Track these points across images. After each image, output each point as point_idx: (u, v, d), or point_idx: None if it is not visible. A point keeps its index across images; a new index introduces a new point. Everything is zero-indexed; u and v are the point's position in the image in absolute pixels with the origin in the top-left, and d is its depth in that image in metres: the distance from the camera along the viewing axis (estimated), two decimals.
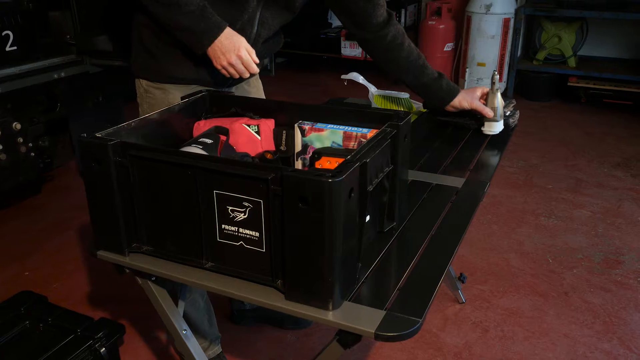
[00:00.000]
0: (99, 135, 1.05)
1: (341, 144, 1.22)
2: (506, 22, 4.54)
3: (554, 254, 2.55)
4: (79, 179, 3.37)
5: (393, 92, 1.98)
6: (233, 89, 1.57)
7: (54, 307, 1.77)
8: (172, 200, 1.02)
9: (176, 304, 1.72)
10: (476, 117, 1.79)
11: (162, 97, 1.44)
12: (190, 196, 0.99)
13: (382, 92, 1.99)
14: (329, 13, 5.63)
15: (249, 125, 1.27)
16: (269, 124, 1.28)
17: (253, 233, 0.97)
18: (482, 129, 1.74)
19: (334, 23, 5.68)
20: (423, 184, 1.41)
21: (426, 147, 1.67)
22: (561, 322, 2.11)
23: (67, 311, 1.75)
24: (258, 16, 1.39)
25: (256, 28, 1.40)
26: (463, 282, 2.26)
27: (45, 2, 2.50)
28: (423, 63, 1.63)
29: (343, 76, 2.08)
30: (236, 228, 0.99)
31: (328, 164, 1.17)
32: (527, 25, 4.71)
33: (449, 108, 1.72)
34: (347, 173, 0.87)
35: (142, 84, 1.48)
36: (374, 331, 0.89)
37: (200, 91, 1.36)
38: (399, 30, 1.60)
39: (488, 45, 4.63)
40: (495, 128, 1.72)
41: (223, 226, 1.00)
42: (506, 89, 4.71)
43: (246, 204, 0.95)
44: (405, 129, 1.14)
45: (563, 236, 2.70)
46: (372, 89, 2.01)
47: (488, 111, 1.67)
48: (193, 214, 1.01)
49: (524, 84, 4.68)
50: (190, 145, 1.21)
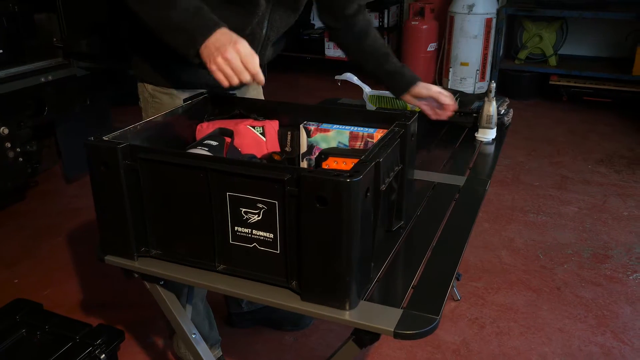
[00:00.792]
0: (107, 139, 1.04)
1: (347, 144, 1.23)
2: (488, 22, 4.59)
3: (544, 250, 2.59)
4: (64, 183, 3.32)
5: (387, 92, 1.99)
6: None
7: (50, 314, 1.74)
8: (183, 202, 1.02)
9: None
10: (471, 116, 1.81)
11: (169, 102, 1.42)
12: (202, 198, 0.99)
13: (376, 92, 2.00)
14: (311, 14, 5.64)
15: (253, 127, 1.27)
16: (273, 125, 1.28)
17: (267, 234, 0.97)
18: (475, 135, 1.76)
19: (317, 24, 5.69)
20: (425, 183, 1.42)
21: (424, 146, 1.68)
22: (555, 317, 2.14)
23: (64, 318, 1.72)
24: (267, 19, 1.38)
25: (265, 30, 1.38)
26: (458, 279, 2.28)
27: (31, 5, 2.46)
28: (387, 52, 1.65)
29: (337, 77, 2.08)
30: (249, 230, 0.98)
31: (335, 164, 1.18)
32: (508, 25, 4.77)
33: (407, 98, 1.66)
34: (365, 173, 0.88)
35: (147, 89, 1.45)
36: (393, 329, 0.89)
37: (202, 93, 1.35)
38: (367, 20, 1.64)
39: (471, 45, 4.67)
40: (489, 135, 1.74)
41: (236, 228, 0.99)
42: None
43: (260, 205, 0.95)
44: (413, 129, 1.15)
45: (552, 232, 2.74)
46: (366, 89, 2.02)
47: (444, 97, 1.61)
48: (205, 216, 1.00)
49: (506, 83, 4.73)
50: (196, 148, 1.20)
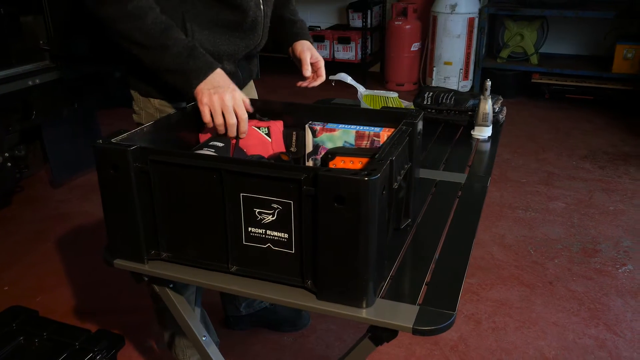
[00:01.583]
0: (115, 141, 1.03)
1: (353, 143, 1.23)
2: (471, 21, 4.65)
3: (535, 245, 2.63)
4: (50, 188, 3.27)
5: (382, 91, 2.00)
6: None
7: (47, 320, 1.71)
8: (195, 204, 1.01)
9: None
10: (466, 114, 1.83)
11: None
12: (215, 200, 0.98)
13: (371, 92, 2.01)
14: None
15: (259, 128, 1.27)
16: (278, 126, 1.28)
17: (282, 235, 0.97)
18: (472, 132, 1.78)
19: None
20: (428, 181, 1.43)
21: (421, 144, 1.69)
22: (549, 311, 2.18)
23: (61, 324, 1.70)
24: (262, 9, 1.39)
25: (263, 8, 1.38)
26: None
27: (17, 8, 2.42)
28: (289, 1, 1.62)
29: (331, 77, 2.08)
30: (263, 230, 0.98)
31: (342, 163, 1.18)
32: (490, 25, 4.83)
33: (290, 52, 1.58)
34: (382, 171, 0.88)
35: (153, 104, 1.43)
36: (411, 326, 0.90)
37: None
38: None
39: (454, 45, 4.72)
40: (485, 133, 1.77)
41: (249, 229, 0.99)
42: (472, 87, 4.82)
43: (275, 205, 0.95)
44: (419, 127, 1.16)
45: (541, 228, 2.78)
46: (360, 89, 2.03)
47: (305, 67, 1.50)
48: (218, 218, 1.00)
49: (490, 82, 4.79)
50: (202, 149, 1.20)
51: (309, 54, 1.52)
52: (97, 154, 1.02)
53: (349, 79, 2.04)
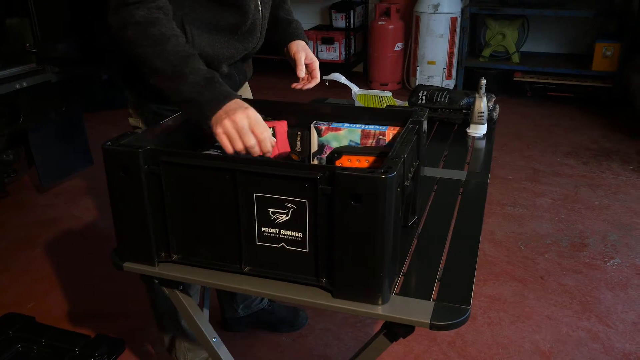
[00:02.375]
0: (124, 143, 1.02)
1: (359, 142, 1.24)
2: (453, 21, 4.70)
3: (525, 241, 2.67)
4: (35, 193, 3.22)
5: (376, 91, 2.02)
6: None
7: (44, 327, 1.70)
8: (208, 205, 1.01)
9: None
10: (461, 112, 1.85)
11: None
12: (228, 200, 0.98)
13: (365, 91, 2.02)
14: None
15: None
16: (283, 126, 1.28)
17: (296, 234, 0.97)
18: (467, 130, 1.80)
19: None
20: (429, 178, 1.44)
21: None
22: (542, 305, 2.21)
23: (60, 330, 1.68)
24: (260, 12, 1.39)
25: (261, 10, 1.39)
26: None
27: (3, 10, 2.37)
28: (284, 1, 1.62)
29: (325, 77, 2.08)
30: (277, 230, 0.98)
31: (349, 162, 1.19)
32: (472, 24, 4.89)
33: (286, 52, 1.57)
34: (398, 169, 0.89)
35: (151, 107, 1.41)
36: (429, 321, 0.91)
37: None
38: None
39: (437, 44, 4.77)
40: (480, 130, 1.79)
41: (263, 229, 0.99)
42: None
43: (289, 205, 0.95)
44: (425, 125, 1.17)
45: (530, 223, 2.82)
46: (354, 88, 2.04)
47: (299, 68, 1.50)
48: (230, 218, 0.99)
49: (472, 81, 4.85)
50: (209, 150, 1.19)
51: (303, 54, 1.52)
52: (106, 156, 1.01)
53: (342, 79, 2.05)
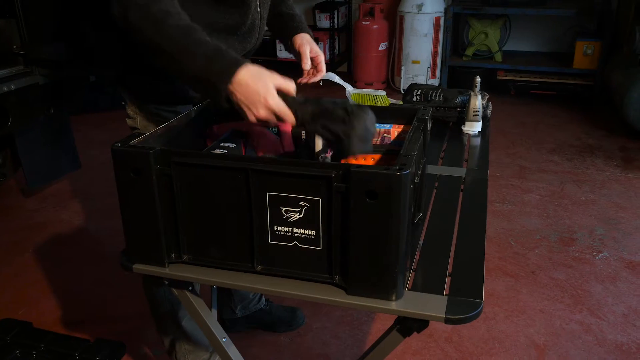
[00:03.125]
0: (134, 144, 1.02)
1: None
2: (437, 20, 4.74)
3: (515, 237, 2.71)
4: (22, 197, 3.17)
5: (370, 90, 2.03)
6: None
7: (42, 332, 1.67)
8: (219, 205, 1.01)
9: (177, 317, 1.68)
10: (455, 111, 1.88)
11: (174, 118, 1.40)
12: (240, 200, 0.98)
13: (359, 90, 2.03)
14: None
15: (268, 127, 1.27)
16: (287, 125, 1.28)
17: (309, 232, 0.98)
18: (462, 128, 1.82)
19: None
20: (429, 176, 1.46)
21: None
22: (534, 299, 2.25)
23: (58, 335, 1.66)
24: (259, 12, 1.39)
25: (260, 11, 1.39)
26: None
27: None
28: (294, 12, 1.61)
29: None
30: (290, 228, 0.99)
31: (354, 160, 1.20)
32: (455, 23, 4.94)
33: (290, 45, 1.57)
34: (412, 166, 0.90)
35: (148, 108, 1.40)
36: (444, 316, 0.92)
37: None
38: None
39: (421, 44, 4.81)
40: (476, 128, 1.81)
41: (275, 228, 0.99)
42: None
43: (302, 203, 0.96)
44: (429, 122, 1.18)
45: (519, 220, 2.86)
46: (349, 88, 2.05)
47: (304, 63, 1.50)
48: (242, 218, 1.00)
49: (456, 79, 4.90)
50: (214, 151, 1.19)
51: (308, 47, 1.51)
52: (116, 157, 1.01)
53: (336, 79, 2.05)
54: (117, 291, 2.34)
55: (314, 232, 0.98)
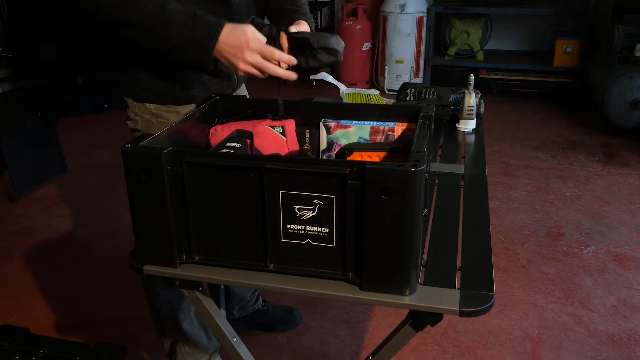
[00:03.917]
0: (144, 145, 1.02)
1: (368, 138, 1.26)
2: (420, 20, 4.79)
3: (504, 232, 2.75)
4: (7, 203, 3.12)
5: (363, 89, 2.05)
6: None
7: (40, 338, 1.65)
8: (232, 205, 1.01)
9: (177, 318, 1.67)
10: (449, 108, 1.90)
11: (175, 119, 1.39)
12: (253, 199, 0.99)
13: (352, 90, 2.05)
14: None
15: (273, 127, 1.27)
16: (291, 124, 1.29)
17: (322, 229, 0.98)
18: (457, 126, 1.85)
19: None
20: (430, 173, 1.48)
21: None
22: (527, 293, 2.29)
23: (57, 340, 1.64)
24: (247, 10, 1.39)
25: (246, 8, 1.40)
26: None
27: None
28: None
29: (312, 76, 2.11)
30: (302, 226, 0.99)
31: (360, 158, 1.21)
32: (437, 23, 4.99)
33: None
34: (426, 162, 0.92)
35: (149, 109, 1.40)
36: (458, 309, 0.94)
37: (211, 96, 1.34)
38: None
39: (404, 43, 4.85)
40: (470, 125, 1.84)
41: (288, 226, 1.00)
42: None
43: (316, 201, 0.97)
44: (433, 119, 1.20)
45: (507, 216, 2.91)
46: (342, 87, 2.06)
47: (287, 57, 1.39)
48: (255, 217, 1.00)
49: (439, 78, 4.95)
50: (220, 151, 1.19)
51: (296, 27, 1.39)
52: (127, 158, 1.00)
53: (329, 78, 2.07)
54: (109, 295, 2.31)
55: (327, 230, 0.98)
